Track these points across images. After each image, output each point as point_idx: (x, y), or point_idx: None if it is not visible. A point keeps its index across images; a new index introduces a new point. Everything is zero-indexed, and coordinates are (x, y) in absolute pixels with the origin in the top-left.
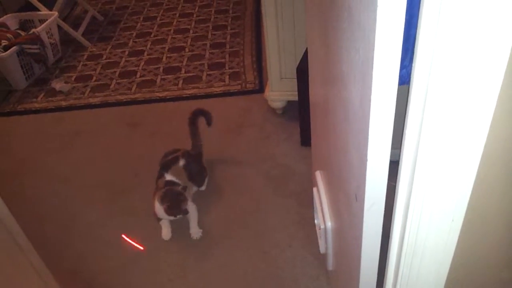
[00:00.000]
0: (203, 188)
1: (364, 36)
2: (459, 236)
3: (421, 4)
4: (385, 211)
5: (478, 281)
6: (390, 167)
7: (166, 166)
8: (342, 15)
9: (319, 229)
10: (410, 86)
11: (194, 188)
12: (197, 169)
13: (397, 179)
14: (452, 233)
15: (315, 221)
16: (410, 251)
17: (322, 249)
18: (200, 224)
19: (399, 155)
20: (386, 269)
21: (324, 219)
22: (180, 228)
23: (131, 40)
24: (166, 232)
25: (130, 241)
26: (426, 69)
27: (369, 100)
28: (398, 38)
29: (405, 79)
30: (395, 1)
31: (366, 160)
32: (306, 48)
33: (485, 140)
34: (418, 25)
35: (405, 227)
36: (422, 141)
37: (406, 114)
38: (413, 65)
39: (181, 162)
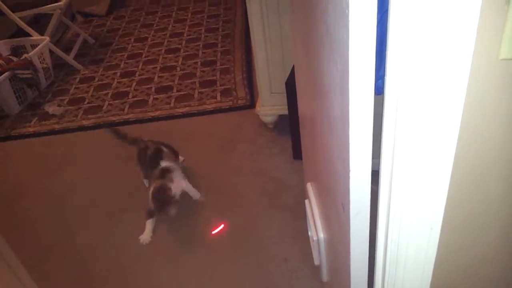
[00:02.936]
0: None
1: (340, 49)
2: (439, 245)
3: (388, 18)
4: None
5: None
6: (376, 176)
7: (157, 155)
8: (321, 30)
9: (313, 241)
10: (384, 96)
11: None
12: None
13: (378, 188)
14: (431, 241)
15: (309, 233)
16: (393, 259)
17: (316, 261)
18: (196, 239)
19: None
20: (374, 278)
21: (317, 230)
22: (176, 242)
23: (123, 61)
24: (146, 235)
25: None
26: (396, 77)
27: (348, 111)
28: (371, 50)
29: (382, 89)
30: (366, 16)
31: (349, 170)
32: None
33: (454, 148)
34: (387, 38)
35: (387, 237)
36: (397, 150)
37: (382, 124)
38: (385, 75)
39: (165, 149)
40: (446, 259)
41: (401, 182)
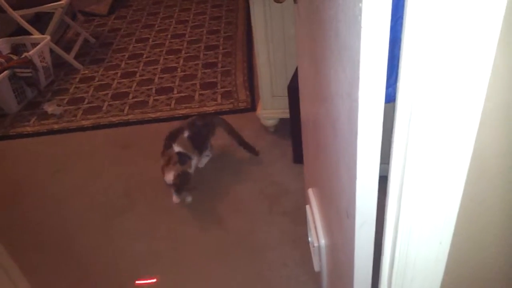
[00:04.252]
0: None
1: (350, 57)
2: (448, 259)
3: (403, 26)
4: (378, 229)
5: None
6: (381, 182)
7: (172, 136)
8: (329, 36)
9: (313, 247)
10: (396, 106)
11: (199, 158)
12: (201, 138)
13: (386, 198)
14: (440, 255)
15: (309, 239)
16: (401, 272)
17: (316, 267)
18: (195, 243)
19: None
20: None
21: (318, 237)
22: (175, 247)
23: (123, 61)
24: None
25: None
26: (410, 88)
27: (357, 119)
28: (383, 58)
29: (391, 97)
30: (379, 23)
31: (356, 178)
32: (297, 67)
33: (469, 160)
34: (401, 45)
35: (394, 248)
36: (408, 161)
37: (393, 133)
38: (397, 84)
39: (186, 133)
40: (454, 272)
41: (412, 193)
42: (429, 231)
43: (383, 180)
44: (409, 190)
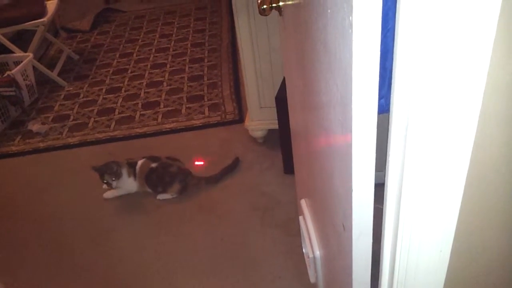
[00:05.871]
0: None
1: (341, 69)
2: (448, 266)
3: (395, 37)
4: (373, 238)
5: None
6: (375, 190)
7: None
8: (318, 48)
9: (308, 258)
10: (390, 116)
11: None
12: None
13: (383, 209)
14: (441, 263)
15: (303, 250)
16: (401, 282)
17: (312, 279)
18: (188, 258)
19: (383, 178)
20: None
21: (313, 248)
22: (169, 262)
23: (108, 77)
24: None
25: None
26: (405, 99)
27: (351, 132)
28: (375, 70)
29: (384, 108)
30: (370, 36)
31: (352, 190)
32: (284, 77)
33: (468, 165)
34: (394, 58)
35: (394, 259)
36: (406, 170)
37: (388, 143)
38: (391, 95)
39: (154, 164)
40: (455, 279)
41: (411, 203)
42: (429, 239)
43: (376, 187)
44: (408, 200)
